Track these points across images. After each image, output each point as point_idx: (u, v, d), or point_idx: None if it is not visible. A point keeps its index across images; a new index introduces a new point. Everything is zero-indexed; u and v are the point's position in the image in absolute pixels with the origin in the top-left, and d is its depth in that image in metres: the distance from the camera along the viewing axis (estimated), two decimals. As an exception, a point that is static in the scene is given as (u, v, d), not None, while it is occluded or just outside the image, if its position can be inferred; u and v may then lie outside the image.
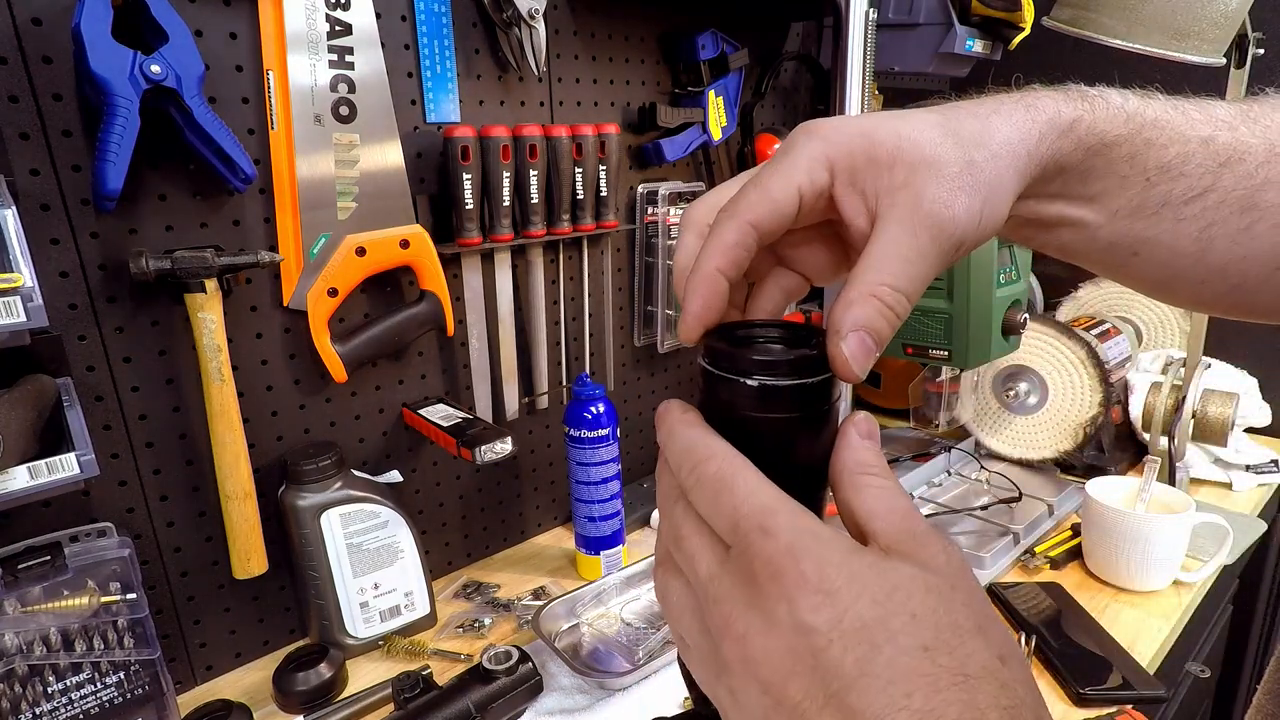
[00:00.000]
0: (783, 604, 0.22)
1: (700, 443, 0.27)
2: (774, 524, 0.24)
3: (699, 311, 0.29)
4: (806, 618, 0.22)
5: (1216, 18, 0.91)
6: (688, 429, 0.28)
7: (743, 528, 0.24)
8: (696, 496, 0.26)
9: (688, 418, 0.28)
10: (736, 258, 0.29)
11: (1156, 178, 0.33)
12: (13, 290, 0.56)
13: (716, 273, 0.29)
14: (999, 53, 1.25)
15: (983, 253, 0.84)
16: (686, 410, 0.29)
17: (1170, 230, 0.34)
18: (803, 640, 0.22)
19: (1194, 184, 0.33)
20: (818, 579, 0.23)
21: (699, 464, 0.26)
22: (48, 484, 0.61)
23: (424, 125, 0.90)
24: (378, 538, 0.87)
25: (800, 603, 0.22)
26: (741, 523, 0.24)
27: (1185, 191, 0.33)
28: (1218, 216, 0.34)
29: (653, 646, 0.86)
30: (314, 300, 0.84)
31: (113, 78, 0.64)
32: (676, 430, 0.28)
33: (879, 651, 0.21)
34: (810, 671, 0.22)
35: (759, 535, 0.23)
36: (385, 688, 0.80)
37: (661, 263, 1.14)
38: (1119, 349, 1.27)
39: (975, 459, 1.28)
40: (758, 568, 0.23)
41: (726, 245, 0.29)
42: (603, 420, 0.96)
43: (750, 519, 0.24)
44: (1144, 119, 0.33)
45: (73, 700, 0.71)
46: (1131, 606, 0.94)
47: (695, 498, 0.26)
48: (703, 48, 1.09)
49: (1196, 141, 0.33)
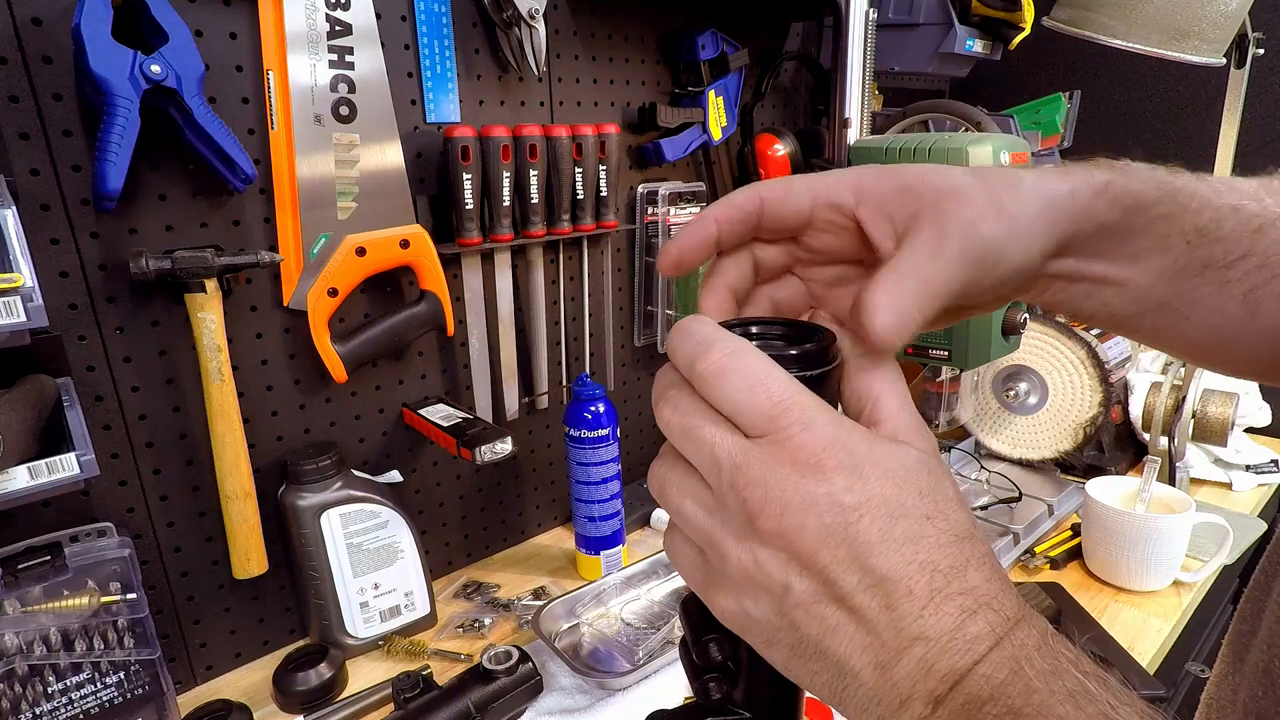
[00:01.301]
0: (823, 486, 0.26)
1: (722, 336, 0.28)
2: (814, 418, 0.27)
3: (683, 246, 0.34)
4: (842, 498, 0.26)
5: (1216, 18, 0.91)
6: (703, 324, 0.29)
7: (782, 421, 0.27)
8: (723, 384, 0.28)
9: (702, 319, 0.30)
10: (735, 216, 0.34)
11: (1196, 240, 0.34)
12: (13, 290, 0.56)
13: (713, 221, 0.33)
14: (999, 53, 1.25)
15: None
16: (702, 317, 0.30)
17: (1217, 292, 0.35)
18: (838, 517, 0.26)
19: (1232, 247, 0.34)
20: (852, 465, 0.27)
21: (726, 355, 0.28)
22: (48, 484, 0.61)
23: (424, 125, 0.90)
24: (378, 538, 0.87)
25: (837, 484, 0.26)
26: (781, 416, 0.27)
27: (1225, 254, 0.34)
28: (1260, 279, 0.35)
29: (653, 646, 0.86)
30: (314, 300, 0.84)
31: (113, 78, 0.64)
32: (693, 325, 0.29)
33: (896, 523, 0.26)
34: (841, 542, 0.26)
35: (801, 429, 0.27)
36: (385, 688, 0.80)
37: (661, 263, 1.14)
38: (1119, 349, 1.27)
39: (975, 459, 1.28)
40: (802, 456, 0.26)
41: (732, 203, 0.34)
42: (603, 420, 0.96)
43: (791, 414, 0.27)
44: (1174, 186, 0.34)
45: (73, 700, 0.71)
46: (1131, 606, 0.94)
47: (721, 385, 0.28)
48: (703, 48, 1.09)
49: (1227, 209, 0.34)
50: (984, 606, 0.26)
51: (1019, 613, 0.26)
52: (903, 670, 0.25)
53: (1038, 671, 0.25)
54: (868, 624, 0.26)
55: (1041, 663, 0.25)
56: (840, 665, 0.27)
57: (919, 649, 0.25)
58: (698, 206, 1.16)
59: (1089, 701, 0.24)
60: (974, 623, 0.25)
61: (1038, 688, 0.24)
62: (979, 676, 0.25)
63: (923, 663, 0.25)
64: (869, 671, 0.26)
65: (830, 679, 0.27)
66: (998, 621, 0.25)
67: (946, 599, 0.25)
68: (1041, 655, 0.25)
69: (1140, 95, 1.44)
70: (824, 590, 0.26)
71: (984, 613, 0.25)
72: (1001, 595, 0.26)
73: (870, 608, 0.26)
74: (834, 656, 0.27)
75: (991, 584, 0.26)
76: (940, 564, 0.26)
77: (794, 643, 0.28)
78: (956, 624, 0.25)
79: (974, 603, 0.26)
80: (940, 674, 0.25)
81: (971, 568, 0.26)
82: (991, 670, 0.25)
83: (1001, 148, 0.78)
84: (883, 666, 0.26)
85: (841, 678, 0.27)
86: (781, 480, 0.27)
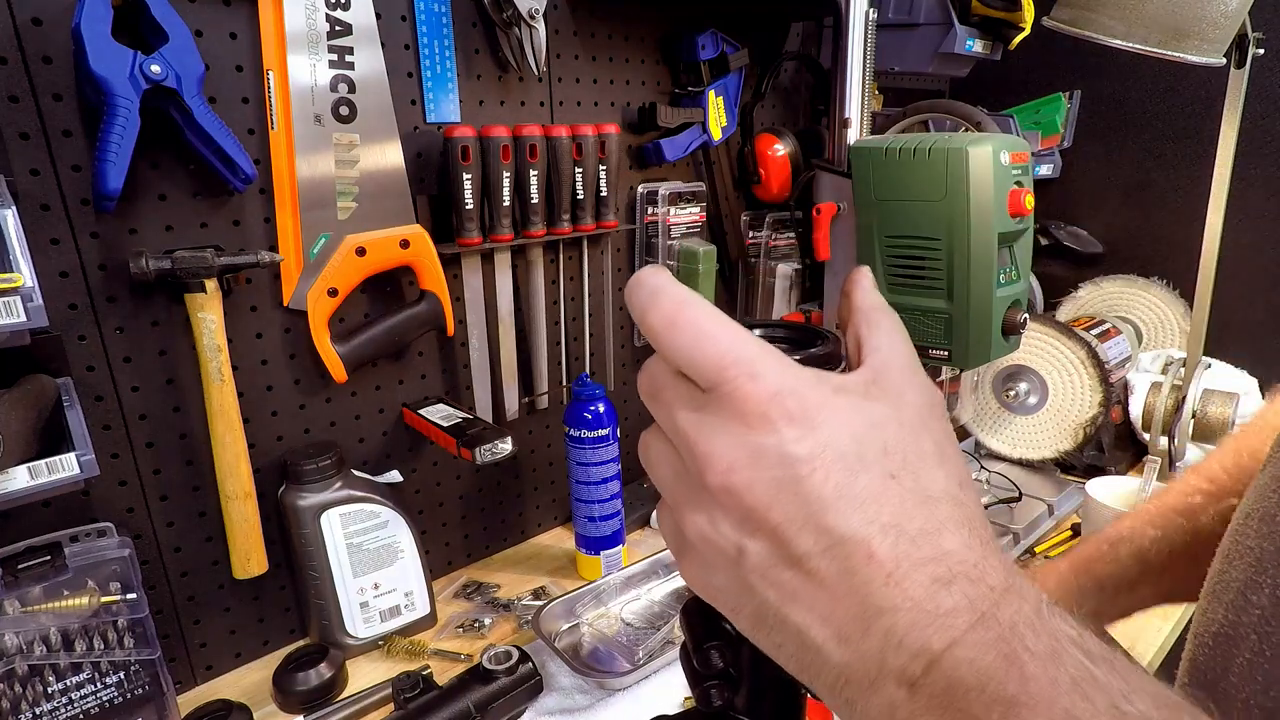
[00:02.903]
0: (771, 437, 0.24)
1: (670, 285, 0.27)
2: (762, 369, 0.25)
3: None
4: (791, 449, 0.24)
5: (1216, 18, 0.91)
6: (655, 274, 0.27)
7: (730, 373, 0.25)
8: (673, 338, 0.26)
9: (658, 269, 0.28)
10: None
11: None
12: (13, 290, 0.56)
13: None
14: (999, 53, 1.25)
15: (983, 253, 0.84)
16: (658, 267, 0.28)
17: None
18: (787, 470, 0.24)
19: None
20: (802, 415, 0.24)
21: (674, 306, 0.26)
22: (48, 484, 0.61)
23: (424, 125, 0.90)
24: (378, 538, 0.87)
25: (786, 434, 0.24)
26: (729, 369, 0.25)
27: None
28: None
29: (653, 646, 0.86)
30: (314, 300, 0.84)
31: (113, 78, 0.64)
32: (644, 274, 0.27)
33: (855, 478, 0.24)
34: (792, 498, 0.24)
35: (747, 380, 0.25)
36: (385, 688, 0.80)
37: (661, 262, 1.14)
38: (1119, 349, 1.27)
39: (975, 459, 1.28)
40: (749, 408, 0.24)
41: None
42: (603, 420, 0.96)
43: (738, 365, 0.25)
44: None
45: (73, 700, 0.71)
46: (1131, 606, 0.94)
47: (671, 338, 0.26)
48: (703, 48, 1.09)
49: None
50: (960, 576, 0.23)
51: (1006, 582, 0.23)
52: (869, 645, 0.23)
53: (1034, 655, 0.22)
54: (827, 591, 0.24)
55: (1038, 643, 0.22)
56: (801, 637, 0.25)
57: (885, 620, 0.23)
58: (698, 206, 1.16)
59: (1097, 690, 0.21)
60: (947, 594, 0.23)
61: (1034, 674, 0.22)
62: (960, 659, 0.22)
63: (889, 636, 0.23)
64: (832, 644, 0.24)
65: (795, 652, 0.25)
66: (977, 594, 0.23)
67: (915, 565, 0.23)
68: (1036, 634, 0.23)
69: (1140, 95, 1.44)
70: (779, 552, 0.24)
71: (960, 583, 0.23)
72: (983, 563, 0.24)
73: (829, 572, 0.24)
74: (794, 627, 0.25)
75: (971, 550, 0.24)
76: (908, 526, 0.24)
77: (754, 611, 0.26)
78: (926, 594, 0.23)
79: (947, 571, 0.23)
80: (911, 651, 0.23)
81: (947, 531, 0.24)
82: (975, 652, 0.22)
83: (1001, 148, 0.78)
84: (846, 639, 0.24)
85: (805, 651, 0.25)
86: (729, 433, 0.25)
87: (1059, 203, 1.57)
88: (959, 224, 0.79)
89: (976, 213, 0.78)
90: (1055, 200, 1.56)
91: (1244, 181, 1.25)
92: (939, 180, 0.79)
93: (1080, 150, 1.53)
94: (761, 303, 1.26)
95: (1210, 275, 1.12)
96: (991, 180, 0.77)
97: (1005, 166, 0.78)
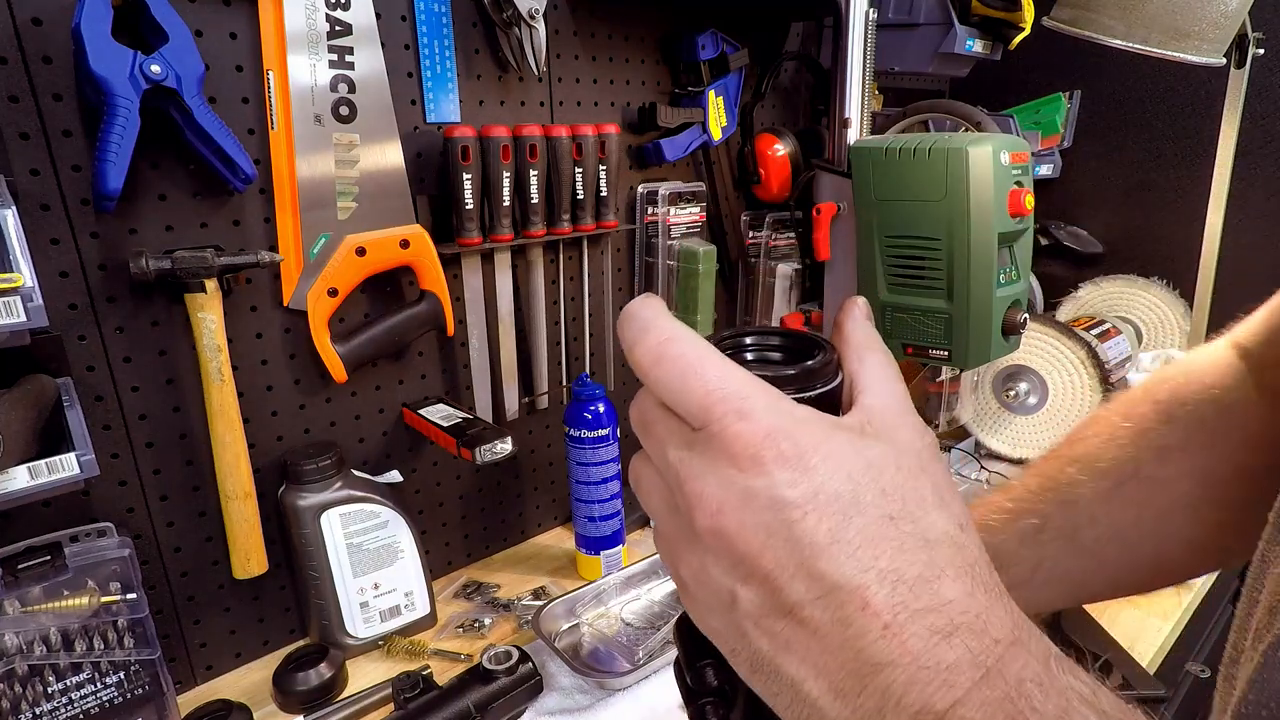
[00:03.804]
0: (761, 479, 0.23)
1: (658, 320, 0.26)
2: (751, 407, 0.24)
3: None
4: (783, 492, 0.23)
5: (1216, 18, 0.91)
6: (646, 306, 0.26)
7: (717, 411, 0.24)
8: (659, 376, 0.25)
9: (649, 300, 0.27)
10: None
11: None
12: (13, 290, 0.56)
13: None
14: (999, 53, 1.25)
15: (983, 253, 0.84)
16: (650, 297, 0.27)
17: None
18: (778, 514, 0.23)
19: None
20: (795, 457, 0.23)
21: (660, 342, 0.25)
22: (48, 484, 0.61)
23: (424, 125, 0.90)
24: (378, 538, 0.87)
25: (778, 478, 0.23)
26: (715, 407, 0.24)
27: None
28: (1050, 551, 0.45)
29: (653, 646, 0.86)
30: (314, 300, 0.84)
31: (113, 78, 0.64)
32: (635, 308, 0.27)
33: (850, 521, 0.23)
34: (784, 542, 0.23)
35: (735, 418, 0.24)
36: (385, 688, 0.80)
37: (661, 262, 1.14)
38: (1119, 349, 1.27)
39: (975, 459, 1.28)
40: (737, 449, 0.24)
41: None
42: (603, 420, 0.96)
43: (726, 403, 0.24)
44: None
45: (73, 700, 0.71)
46: (1131, 606, 0.94)
47: (657, 376, 0.25)
48: (703, 48, 1.09)
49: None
50: (961, 628, 0.22)
51: (1012, 635, 0.22)
52: (866, 702, 0.22)
53: (1043, 717, 0.21)
54: (822, 642, 0.23)
55: (1046, 703, 0.21)
56: (796, 689, 0.23)
57: (883, 676, 0.22)
58: (698, 206, 1.16)
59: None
60: (948, 648, 0.22)
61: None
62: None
63: (888, 694, 0.22)
64: (828, 699, 0.23)
65: (790, 703, 0.24)
66: (981, 648, 0.22)
67: (913, 616, 0.22)
68: (1045, 693, 0.21)
69: (1140, 95, 1.44)
70: (771, 600, 0.23)
71: (961, 635, 0.22)
72: (987, 613, 0.22)
73: (822, 622, 0.22)
74: (788, 678, 0.23)
75: (974, 598, 0.22)
76: (905, 573, 0.22)
77: (749, 658, 0.25)
78: (925, 647, 0.22)
79: (948, 622, 0.22)
80: (911, 710, 0.21)
81: (947, 578, 0.22)
82: (980, 714, 0.21)
83: (1001, 148, 0.78)
84: (842, 694, 0.23)
85: (800, 704, 0.24)
86: (719, 475, 0.24)
87: (1059, 203, 1.57)
88: (959, 224, 0.79)
89: (976, 213, 0.78)
90: (1055, 200, 1.56)
91: (1244, 181, 1.25)
92: (939, 180, 0.79)
93: (1080, 150, 1.53)
94: (761, 303, 1.26)
95: (1210, 275, 1.12)
96: (991, 180, 0.77)
97: (1005, 166, 0.78)
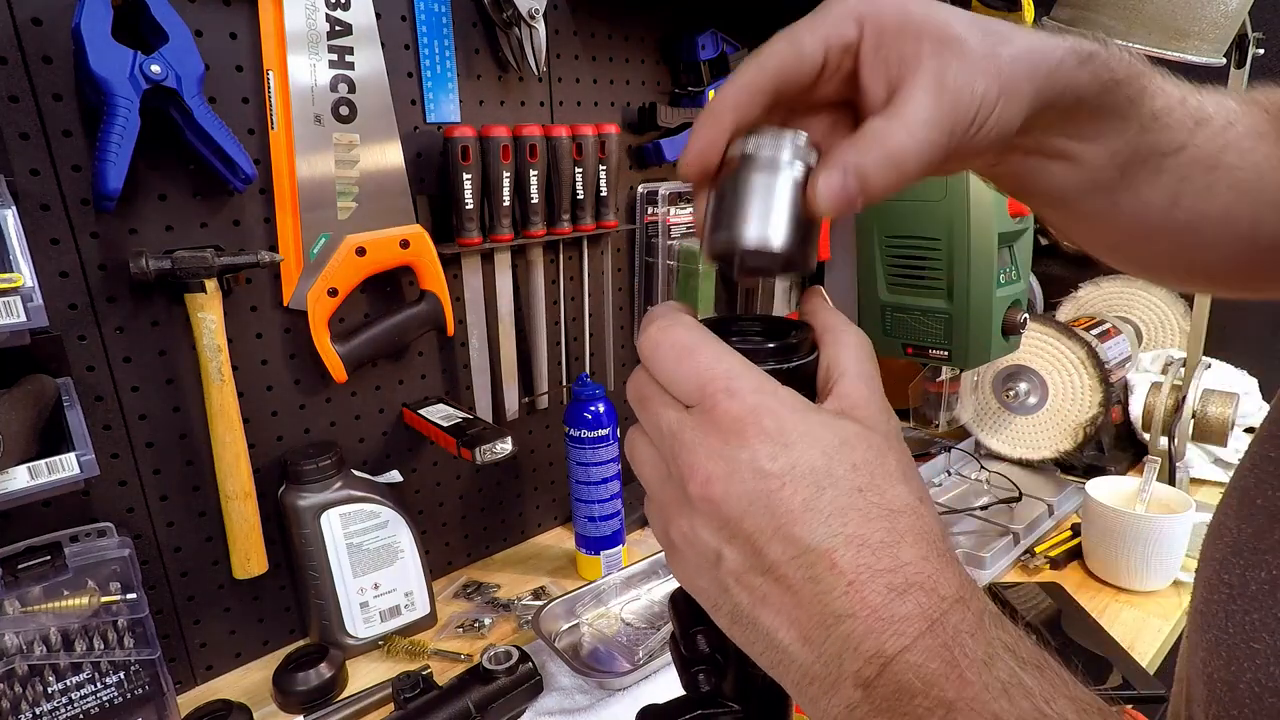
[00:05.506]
0: (745, 452, 0.26)
1: (663, 313, 0.30)
2: (738, 386, 0.27)
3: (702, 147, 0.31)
4: (765, 464, 0.26)
5: (1216, 18, 0.91)
6: (657, 307, 0.31)
7: (709, 390, 0.27)
8: (657, 358, 0.29)
9: (669, 303, 0.31)
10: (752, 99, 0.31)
11: (1149, 124, 0.34)
12: (13, 290, 0.56)
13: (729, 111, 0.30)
14: (999, 53, 1.25)
15: (983, 253, 0.84)
16: (673, 303, 0.31)
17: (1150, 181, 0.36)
18: (760, 483, 0.26)
19: (1175, 137, 0.35)
20: (776, 432, 0.26)
21: (659, 329, 0.29)
22: (48, 484, 0.61)
23: (424, 125, 0.90)
24: (378, 538, 0.87)
25: (760, 451, 0.26)
26: (707, 385, 0.27)
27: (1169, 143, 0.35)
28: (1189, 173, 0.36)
29: (653, 646, 0.86)
30: (314, 300, 0.84)
31: (113, 78, 0.64)
32: (651, 312, 0.31)
33: (822, 492, 0.26)
34: (764, 509, 0.26)
35: (724, 396, 0.27)
36: (385, 688, 0.80)
37: (661, 262, 1.14)
38: (1119, 349, 1.27)
39: (975, 459, 1.28)
40: (726, 424, 0.26)
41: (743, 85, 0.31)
42: (603, 420, 0.96)
43: (716, 382, 0.27)
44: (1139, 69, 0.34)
45: (73, 700, 0.71)
46: (1131, 606, 0.94)
47: (656, 359, 0.29)
48: (703, 48, 1.09)
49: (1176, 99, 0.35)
50: (915, 586, 0.25)
51: (958, 593, 0.25)
52: (830, 648, 0.25)
53: (971, 661, 0.24)
54: (795, 596, 0.26)
55: (975, 649, 0.24)
56: (770, 637, 0.26)
57: (845, 626, 0.25)
58: (698, 206, 1.16)
59: (1023, 695, 0.23)
60: (902, 603, 0.24)
61: (971, 680, 0.23)
62: (909, 664, 0.24)
63: (848, 641, 0.25)
64: (797, 646, 0.26)
65: (765, 650, 0.27)
66: (930, 603, 0.24)
67: (874, 575, 0.25)
68: (975, 641, 0.24)
69: (1140, 95, 1.44)
70: (752, 559, 0.26)
71: (914, 593, 0.25)
72: (938, 574, 0.25)
73: (797, 580, 0.25)
74: (764, 628, 0.26)
75: (928, 561, 0.25)
76: (870, 538, 0.25)
77: (730, 611, 0.28)
78: (882, 602, 0.24)
79: (903, 581, 0.25)
80: (866, 654, 0.24)
81: (906, 544, 0.25)
82: (923, 659, 0.24)
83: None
84: (810, 642, 0.25)
85: (774, 650, 0.27)
86: (708, 447, 0.27)
87: (1059, 203, 1.57)
88: (959, 224, 0.79)
89: (976, 213, 0.78)
90: (1055, 200, 1.56)
91: (1244, 181, 1.24)
92: (939, 180, 0.79)
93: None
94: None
95: (1210, 275, 1.12)
96: (991, 180, 0.77)
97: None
